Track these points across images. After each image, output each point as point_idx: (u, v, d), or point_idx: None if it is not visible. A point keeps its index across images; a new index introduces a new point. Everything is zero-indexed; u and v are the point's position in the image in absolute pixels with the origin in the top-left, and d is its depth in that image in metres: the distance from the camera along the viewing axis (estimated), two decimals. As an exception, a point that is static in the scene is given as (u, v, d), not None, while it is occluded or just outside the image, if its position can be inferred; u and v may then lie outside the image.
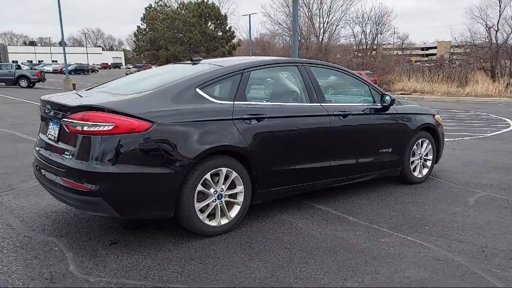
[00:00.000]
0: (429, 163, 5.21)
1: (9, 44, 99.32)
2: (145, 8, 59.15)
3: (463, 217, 3.95)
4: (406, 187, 4.94)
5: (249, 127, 3.51)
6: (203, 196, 3.36)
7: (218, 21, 53.48)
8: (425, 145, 5.12)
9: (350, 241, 3.38)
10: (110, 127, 2.95)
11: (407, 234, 3.53)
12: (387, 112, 4.61)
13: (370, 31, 47.33)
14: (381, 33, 48.23)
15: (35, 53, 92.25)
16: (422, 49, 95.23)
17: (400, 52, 61.13)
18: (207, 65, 3.83)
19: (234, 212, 3.53)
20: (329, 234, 3.50)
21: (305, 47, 53.04)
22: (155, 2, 59.39)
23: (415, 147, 4.97)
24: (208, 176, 3.30)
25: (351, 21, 56.07)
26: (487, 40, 31.60)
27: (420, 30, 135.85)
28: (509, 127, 10.75)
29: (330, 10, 48.40)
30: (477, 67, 29.28)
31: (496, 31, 29.96)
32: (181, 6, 55.25)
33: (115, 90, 3.68)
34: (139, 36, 61.49)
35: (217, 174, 3.40)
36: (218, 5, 56.31)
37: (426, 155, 5.18)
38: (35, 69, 32.12)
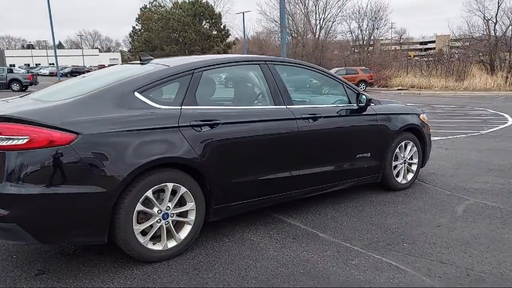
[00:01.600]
0: (414, 167, 4.76)
1: (7, 48, 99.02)
2: (140, 9, 58.67)
3: (449, 230, 3.50)
4: (389, 195, 4.48)
5: (200, 135, 3.06)
6: (145, 216, 2.92)
7: (213, 20, 52.97)
8: (409, 147, 4.66)
9: (316, 264, 2.93)
10: (25, 141, 2.51)
11: (382, 253, 3.08)
12: (364, 113, 4.16)
13: (367, 26, 46.86)
14: (377, 28, 47.77)
15: (32, 56, 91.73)
16: (421, 43, 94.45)
17: (398, 47, 60.65)
18: (154, 65, 3.38)
19: (184, 233, 3.08)
20: (293, 256, 3.05)
21: (301, 44, 52.61)
22: (149, 3, 58.95)
23: (397, 150, 4.52)
24: (149, 193, 2.86)
25: (347, 16, 55.52)
26: (485, 33, 31.07)
27: (418, 24, 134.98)
28: (506, 122, 10.28)
29: (326, 7, 47.89)
30: (475, 60, 28.78)
31: (495, 24, 29.45)
32: (175, 5, 54.75)
33: (47, 97, 3.23)
34: (134, 37, 61.05)
35: (162, 190, 2.95)
36: (213, 4, 55.83)
37: (411, 158, 4.73)
38: (28, 73, 31.67)
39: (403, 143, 4.56)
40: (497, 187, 4.70)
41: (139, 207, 2.83)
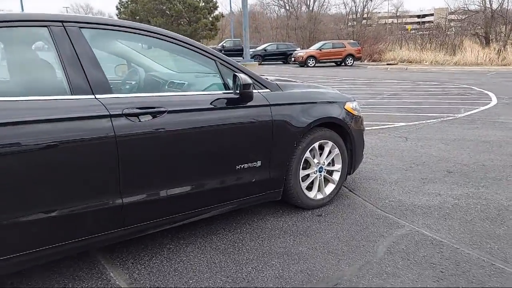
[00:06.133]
0: (336, 176, 3.44)
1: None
2: (128, -21, 56.09)
3: (347, 294, 2.21)
4: (296, 216, 3.19)
5: None
6: None
7: (200, -10, 50.67)
8: (327, 149, 3.34)
9: None
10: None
11: None
12: (250, 103, 2.80)
13: (361, -3, 44.98)
14: (371, 0, 45.87)
15: None
16: (418, 16, 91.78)
17: (395, 21, 58.84)
18: None
19: None
20: None
21: (295, 16, 50.75)
22: (136, -27, 56.28)
23: (308, 154, 3.20)
24: None
25: (341, -13, 53.55)
26: (481, 5, 29.43)
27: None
28: (489, 103, 8.95)
29: (319, -23, 45.78)
30: (471, 33, 27.27)
31: (491, -5, 27.73)
32: (161, -25, 52.26)
33: None
34: (121, 9, 58.69)
35: None
36: (200, -27, 53.31)
37: (331, 164, 3.41)
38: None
39: (316, 144, 3.24)
40: (449, 203, 3.41)
41: None
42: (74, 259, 2.54)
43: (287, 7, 53.21)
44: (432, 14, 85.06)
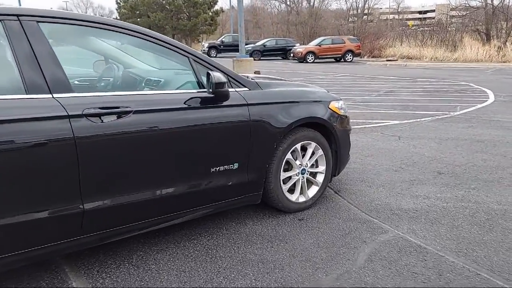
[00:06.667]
0: (320, 178, 3.31)
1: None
2: (127, -27, 55.75)
3: (321, 307, 2.08)
4: (275, 220, 3.08)
5: None
6: None
7: (200, -15, 50.34)
8: (310, 151, 3.20)
9: None
10: None
11: None
12: (225, 103, 2.66)
13: (362, -7, 44.72)
14: (372, -5, 45.63)
15: None
16: (420, 12, 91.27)
17: (396, 17, 58.60)
18: None
19: None
20: None
21: (295, 12, 50.46)
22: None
23: (289, 156, 3.06)
24: None
25: (342, -17, 53.24)
26: (482, 1, 29.14)
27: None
28: (486, 101, 8.79)
29: (321, -27, 45.52)
30: (471, 29, 27.03)
31: (493, -8, 27.43)
32: (160, -31, 51.93)
33: None
34: (121, 4, 58.41)
35: None
36: (200, -32, 52.94)
37: (315, 165, 3.27)
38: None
39: (298, 146, 3.10)
40: (437, 207, 3.28)
41: None
42: (39, 266, 2.41)
43: (288, 2, 53.01)
44: (433, 10, 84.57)
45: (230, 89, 2.70)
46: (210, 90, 2.52)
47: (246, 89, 2.84)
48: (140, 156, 2.32)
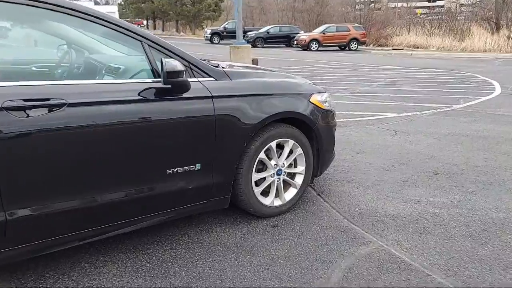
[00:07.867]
0: (299, 179, 2.97)
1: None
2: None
3: None
4: (245, 227, 2.77)
5: None
6: None
7: (204, -33, 49.49)
8: (287, 149, 2.86)
9: None
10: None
11: None
12: (186, 95, 2.32)
13: (369, -21, 43.73)
14: (380, -18, 44.55)
15: None
16: (429, 0, 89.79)
17: (405, 5, 57.54)
18: None
19: None
20: None
21: (301, -2, 49.64)
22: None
23: (263, 155, 2.73)
24: None
25: (349, -32, 52.13)
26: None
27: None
28: (492, 93, 8.38)
29: (326, -44, 44.45)
30: (481, 18, 26.33)
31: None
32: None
33: None
34: (124, -11, 57.82)
35: None
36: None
37: (293, 165, 2.93)
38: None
39: (273, 144, 2.76)
40: (428, 213, 2.94)
41: None
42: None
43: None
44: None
45: (192, 79, 2.37)
46: (162, 79, 2.18)
47: (211, 79, 2.49)
48: (76, 157, 2.00)
